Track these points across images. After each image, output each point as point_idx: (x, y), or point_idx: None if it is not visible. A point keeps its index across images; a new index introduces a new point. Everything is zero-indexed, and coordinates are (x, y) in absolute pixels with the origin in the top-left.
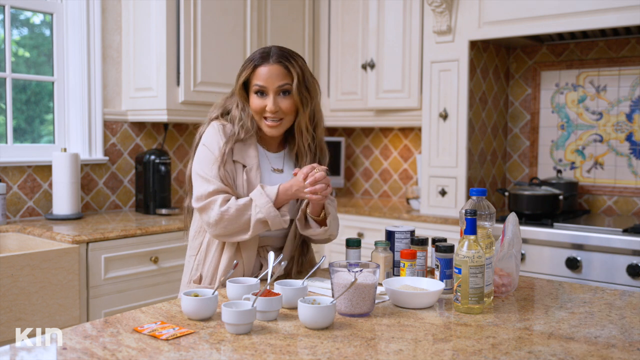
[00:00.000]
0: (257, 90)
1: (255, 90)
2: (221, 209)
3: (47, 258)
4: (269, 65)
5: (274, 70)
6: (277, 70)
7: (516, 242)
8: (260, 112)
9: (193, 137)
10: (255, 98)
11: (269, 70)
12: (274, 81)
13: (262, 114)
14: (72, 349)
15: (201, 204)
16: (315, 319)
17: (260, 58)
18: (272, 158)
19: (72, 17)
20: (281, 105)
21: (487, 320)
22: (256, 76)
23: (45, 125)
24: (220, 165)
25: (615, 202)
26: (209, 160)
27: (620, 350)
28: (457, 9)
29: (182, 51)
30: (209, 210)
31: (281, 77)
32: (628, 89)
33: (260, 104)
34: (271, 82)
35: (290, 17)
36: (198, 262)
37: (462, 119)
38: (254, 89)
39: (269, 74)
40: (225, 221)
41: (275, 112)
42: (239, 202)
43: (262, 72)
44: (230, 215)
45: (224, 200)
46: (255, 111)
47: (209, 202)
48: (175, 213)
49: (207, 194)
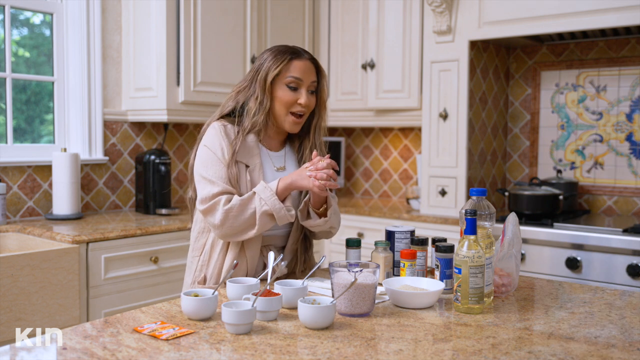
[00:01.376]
0: (291, 82)
1: (289, 82)
2: (225, 208)
3: (47, 258)
4: (304, 60)
5: (309, 67)
6: (311, 66)
7: (516, 242)
8: (290, 105)
9: (193, 137)
10: (288, 91)
11: (305, 65)
12: (309, 76)
13: (290, 107)
14: (72, 349)
15: (205, 206)
16: (315, 319)
17: (294, 52)
18: (274, 157)
19: (72, 17)
20: (310, 102)
21: (487, 320)
22: (291, 69)
23: (45, 125)
24: (225, 166)
25: (615, 202)
26: (211, 161)
27: (620, 350)
28: (457, 9)
29: (182, 51)
30: (214, 212)
31: (314, 73)
32: (628, 89)
33: (293, 97)
34: (307, 76)
35: (290, 17)
36: (202, 263)
37: (462, 119)
38: (286, 81)
39: (305, 68)
40: (230, 219)
41: (306, 107)
42: (242, 198)
43: (298, 65)
44: (235, 211)
45: (227, 200)
46: (285, 104)
47: (213, 203)
48: (175, 213)
49: (210, 196)
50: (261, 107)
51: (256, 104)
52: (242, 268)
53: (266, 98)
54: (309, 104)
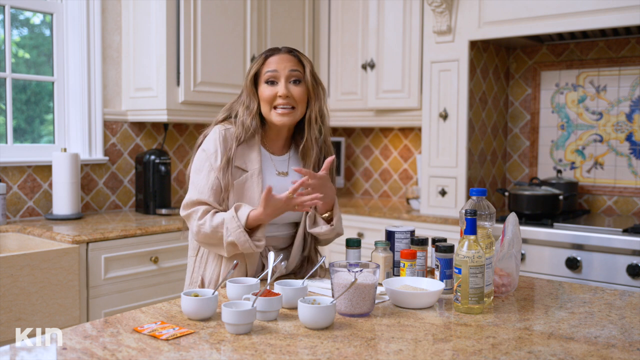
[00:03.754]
0: (268, 77)
1: (267, 79)
2: (199, 222)
3: (47, 258)
4: (280, 54)
5: (286, 58)
6: (288, 58)
7: (516, 242)
8: (271, 101)
9: (193, 137)
10: (266, 87)
11: (280, 58)
12: (285, 66)
13: (272, 103)
14: (72, 349)
15: (185, 212)
16: (315, 319)
17: (271, 50)
18: (277, 161)
19: (72, 17)
20: (293, 92)
21: (487, 320)
22: (267, 65)
23: (45, 125)
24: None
25: (615, 202)
26: (203, 167)
27: (620, 350)
28: (457, 9)
29: (182, 51)
30: (191, 220)
31: (293, 63)
32: (628, 89)
33: (271, 91)
34: (282, 67)
35: (290, 17)
36: (199, 264)
37: (462, 119)
38: (264, 78)
39: (280, 60)
40: (201, 234)
41: (286, 97)
42: (213, 221)
43: (273, 60)
44: (205, 231)
45: (203, 213)
46: (265, 101)
47: (192, 212)
48: (175, 213)
49: (191, 203)
50: (248, 110)
51: (243, 108)
52: (242, 268)
53: (253, 101)
54: (288, 94)
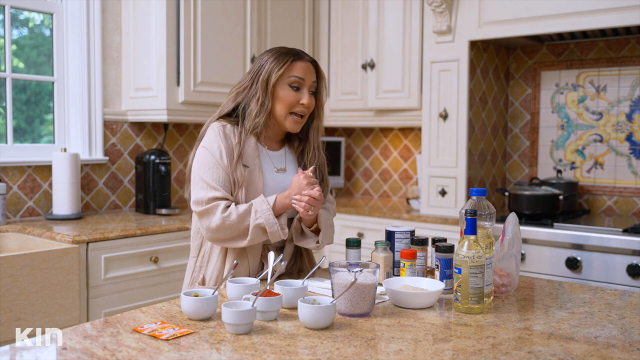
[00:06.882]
0: (294, 82)
1: (292, 82)
2: (223, 215)
3: (47, 258)
4: (306, 61)
5: (310, 68)
6: (312, 68)
7: (516, 242)
8: (292, 105)
9: (193, 137)
10: (290, 91)
11: (307, 66)
12: (310, 76)
13: (292, 108)
14: (72, 349)
15: (201, 209)
16: (315, 319)
17: (296, 54)
18: (274, 157)
19: (72, 17)
20: (310, 103)
21: (487, 320)
22: (294, 69)
23: (45, 125)
24: (223, 169)
25: (615, 202)
26: (210, 163)
27: (620, 350)
28: (457, 9)
29: (182, 51)
30: (211, 216)
31: (314, 75)
32: (628, 89)
33: (295, 97)
34: (308, 77)
35: (290, 17)
36: (200, 264)
37: (462, 119)
38: (289, 81)
39: (307, 69)
40: (226, 227)
41: (308, 107)
42: (240, 209)
43: (300, 66)
44: (232, 221)
45: (225, 207)
46: (286, 104)
47: (211, 207)
48: (175, 213)
49: (207, 200)
50: (262, 108)
51: (257, 106)
52: (244, 268)
53: (268, 99)
54: (310, 105)
